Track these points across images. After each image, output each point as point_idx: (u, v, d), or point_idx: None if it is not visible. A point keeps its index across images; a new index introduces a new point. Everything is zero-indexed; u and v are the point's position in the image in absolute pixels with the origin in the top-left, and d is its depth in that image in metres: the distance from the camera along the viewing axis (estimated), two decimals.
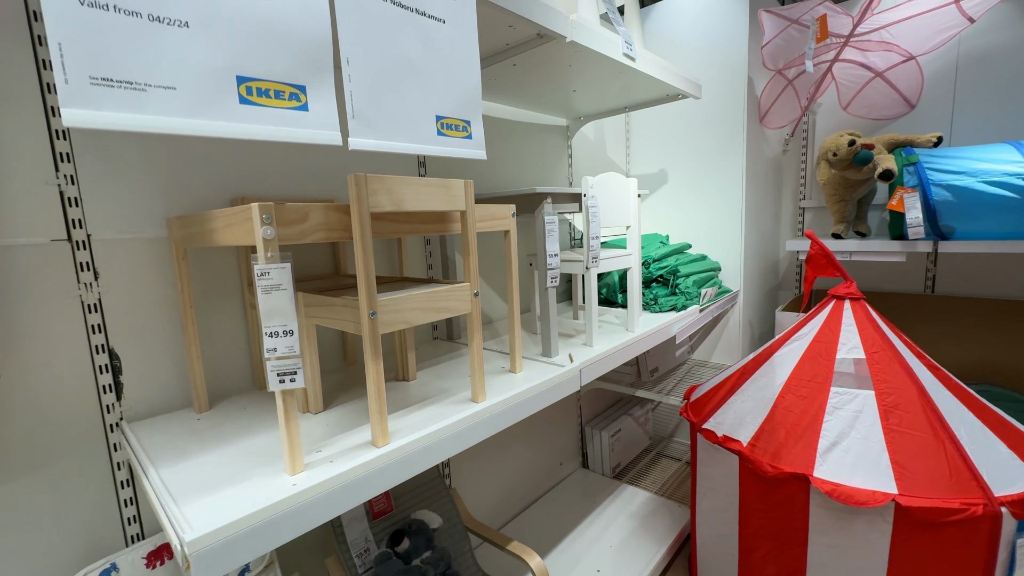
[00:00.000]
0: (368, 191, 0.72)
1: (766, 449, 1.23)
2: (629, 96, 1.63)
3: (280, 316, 0.65)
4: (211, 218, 0.76)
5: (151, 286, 0.95)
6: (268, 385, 0.66)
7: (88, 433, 0.89)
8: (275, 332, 0.65)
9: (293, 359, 0.66)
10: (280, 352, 0.66)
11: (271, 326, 0.65)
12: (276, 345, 0.65)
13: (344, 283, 1.06)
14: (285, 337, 0.66)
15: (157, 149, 0.94)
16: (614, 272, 1.83)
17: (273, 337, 0.65)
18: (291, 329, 0.66)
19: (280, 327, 0.65)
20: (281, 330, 0.65)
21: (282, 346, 0.66)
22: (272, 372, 0.65)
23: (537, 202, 1.17)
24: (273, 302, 0.64)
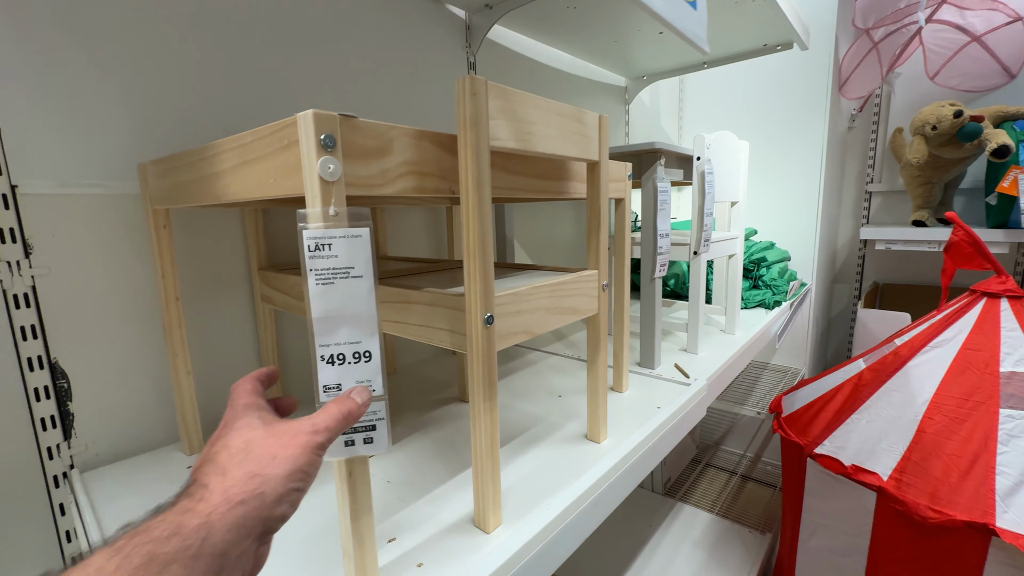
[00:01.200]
0: (488, 110, 0.42)
1: (918, 486, 0.97)
2: (719, 44, 1.33)
3: (349, 326, 0.35)
4: (215, 152, 0.45)
5: (115, 268, 0.64)
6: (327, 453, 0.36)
7: (19, 491, 0.59)
8: (337, 356, 0.35)
9: (373, 404, 0.36)
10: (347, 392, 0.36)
11: (331, 344, 0.35)
12: (340, 379, 0.35)
13: (387, 269, 0.75)
14: (357, 364, 0.36)
15: (121, 53, 0.62)
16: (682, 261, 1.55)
17: (334, 364, 0.35)
18: (369, 350, 0.36)
19: (348, 346, 0.35)
20: (350, 352, 0.35)
21: (350, 381, 0.36)
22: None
23: (646, 163, 0.88)
24: (336, 300, 0.34)
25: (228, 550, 0.24)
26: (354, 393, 0.34)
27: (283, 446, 0.28)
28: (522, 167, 0.54)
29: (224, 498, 0.25)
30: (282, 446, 0.28)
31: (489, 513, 0.47)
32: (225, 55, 0.71)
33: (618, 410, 0.75)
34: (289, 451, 0.28)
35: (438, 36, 1.02)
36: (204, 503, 0.25)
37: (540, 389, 0.85)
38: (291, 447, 0.28)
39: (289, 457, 0.27)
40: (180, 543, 0.23)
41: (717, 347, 1.06)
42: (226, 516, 0.24)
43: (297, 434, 0.29)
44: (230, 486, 0.26)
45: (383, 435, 0.37)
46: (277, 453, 0.27)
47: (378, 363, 0.36)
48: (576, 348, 1.09)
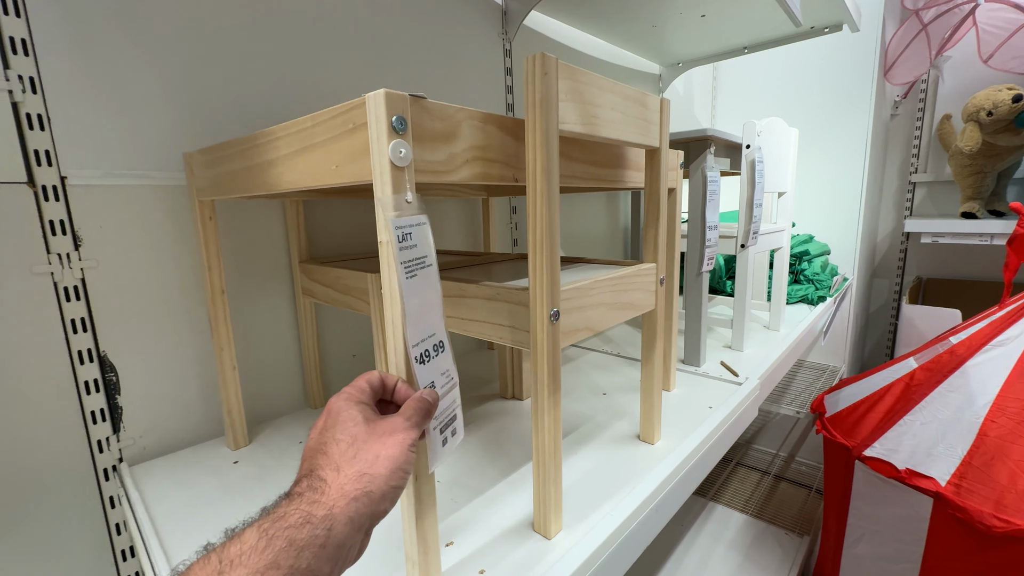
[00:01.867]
0: (558, 91, 0.39)
1: (981, 493, 0.92)
2: (762, 27, 1.27)
3: (428, 319, 0.33)
4: (269, 139, 0.44)
5: (161, 260, 0.63)
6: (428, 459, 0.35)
7: (71, 484, 0.58)
8: (425, 353, 0.34)
9: (452, 395, 0.35)
10: (439, 389, 0.35)
11: (419, 341, 0.33)
12: (431, 376, 0.34)
13: None
14: (437, 357, 0.34)
15: (166, 43, 0.61)
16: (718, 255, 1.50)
17: (423, 363, 0.34)
18: (442, 340, 0.34)
19: (431, 340, 0.34)
20: (431, 345, 0.34)
21: (438, 376, 0.34)
22: (432, 427, 0.35)
23: (695, 152, 0.84)
24: (420, 293, 0.33)
25: (345, 541, 0.26)
26: (426, 394, 0.34)
27: (383, 445, 0.30)
28: (582, 154, 0.51)
29: (341, 494, 0.27)
30: (383, 445, 0.30)
31: (551, 518, 0.45)
32: (267, 46, 0.69)
33: (667, 409, 0.72)
34: (389, 450, 0.29)
35: (474, 23, 0.99)
36: (326, 496, 0.27)
37: (583, 387, 0.83)
38: (390, 446, 0.30)
39: (390, 457, 0.29)
40: (311, 531, 0.25)
41: (763, 344, 1.02)
42: (344, 510, 0.27)
43: (393, 432, 0.30)
44: (344, 483, 0.28)
45: (460, 423, 0.37)
46: (379, 452, 0.29)
47: (449, 349, 0.35)
48: (613, 344, 1.06)
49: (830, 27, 1.27)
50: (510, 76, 1.08)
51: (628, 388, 0.82)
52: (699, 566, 1.42)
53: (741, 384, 0.79)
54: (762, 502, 1.80)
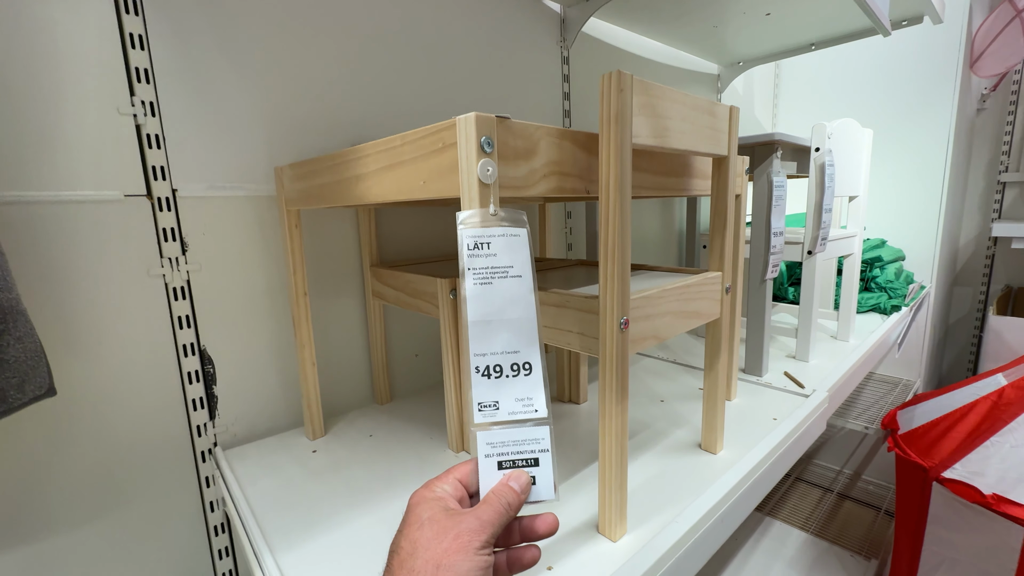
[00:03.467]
0: (632, 106, 0.40)
1: None
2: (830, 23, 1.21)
3: (508, 332, 0.34)
4: (358, 156, 0.48)
5: (252, 264, 0.69)
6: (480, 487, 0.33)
7: (173, 463, 0.66)
8: (494, 368, 0.34)
9: (531, 431, 0.33)
10: (505, 414, 0.33)
11: (487, 352, 0.34)
12: (497, 395, 0.34)
13: None
14: (516, 378, 0.34)
15: (260, 71, 0.67)
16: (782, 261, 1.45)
17: (490, 377, 0.34)
18: (529, 362, 0.35)
19: (506, 356, 0.34)
20: (508, 363, 0.34)
21: (509, 399, 0.34)
22: (484, 454, 0.33)
23: (760, 156, 0.82)
24: (495, 302, 0.34)
25: None
26: (511, 480, 0.32)
27: (446, 551, 0.27)
28: (650, 164, 0.52)
29: None
30: (445, 551, 0.27)
31: (615, 521, 0.46)
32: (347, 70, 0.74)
33: (728, 419, 0.70)
34: (452, 558, 0.27)
35: (533, 32, 1.01)
36: None
37: (640, 394, 0.83)
38: (454, 552, 0.27)
39: (452, 566, 0.27)
40: None
41: (829, 355, 0.97)
42: None
43: (460, 535, 0.28)
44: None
45: (547, 473, 0.33)
46: (441, 561, 0.27)
47: (540, 377, 0.34)
48: (669, 351, 1.05)
49: (909, 20, 1.19)
50: (567, 83, 1.09)
51: (686, 396, 0.81)
52: None
53: (808, 396, 0.76)
54: (824, 521, 1.71)
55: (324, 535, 0.50)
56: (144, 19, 0.58)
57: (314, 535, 0.50)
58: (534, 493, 0.33)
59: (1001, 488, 0.94)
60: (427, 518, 0.29)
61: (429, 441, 0.69)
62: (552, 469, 0.33)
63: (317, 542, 0.49)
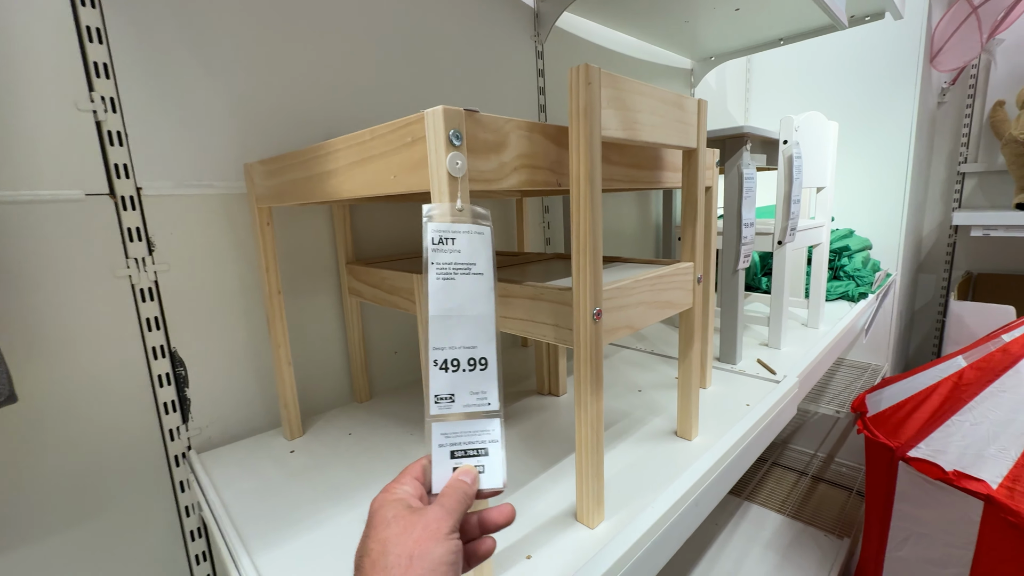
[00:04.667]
0: (601, 99, 0.41)
1: None
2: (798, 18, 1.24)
3: (467, 328, 0.35)
4: (328, 151, 0.47)
5: (223, 263, 0.68)
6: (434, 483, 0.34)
7: (145, 469, 0.64)
8: (452, 361, 0.34)
9: (483, 423, 0.35)
10: (460, 407, 0.34)
11: (446, 347, 0.34)
12: (453, 388, 0.35)
13: None
14: (472, 372, 0.35)
15: (228, 64, 0.65)
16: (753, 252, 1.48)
17: (447, 371, 0.34)
18: (485, 357, 0.35)
19: (464, 351, 0.35)
20: (465, 357, 0.35)
21: (465, 393, 0.35)
22: (439, 444, 0.34)
23: (730, 149, 0.84)
24: (456, 298, 0.34)
25: None
26: (461, 475, 0.33)
27: (417, 541, 0.28)
28: (620, 157, 0.53)
29: None
30: (416, 541, 0.28)
31: (593, 509, 0.47)
32: (318, 64, 0.73)
33: (703, 406, 0.72)
34: (423, 547, 0.28)
35: (507, 26, 1.01)
36: None
37: (618, 383, 0.84)
38: (425, 540, 0.28)
39: (424, 556, 0.27)
40: None
41: (801, 342, 1.00)
42: None
43: (427, 524, 0.29)
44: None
45: (496, 463, 0.34)
46: (413, 552, 0.28)
47: (495, 373, 0.35)
48: (646, 341, 1.07)
49: (872, 15, 1.23)
50: (542, 77, 1.09)
51: (663, 385, 0.82)
52: (735, 565, 1.41)
53: (779, 382, 0.78)
54: (800, 503, 1.77)
55: (304, 534, 0.50)
56: (101, 11, 0.56)
57: (293, 535, 0.50)
58: (484, 482, 0.34)
59: (962, 464, 0.98)
60: (392, 516, 0.29)
61: (409, 437, 0.69)
62: (501, 459, 0.34)
63: (296, 542, 0.49)
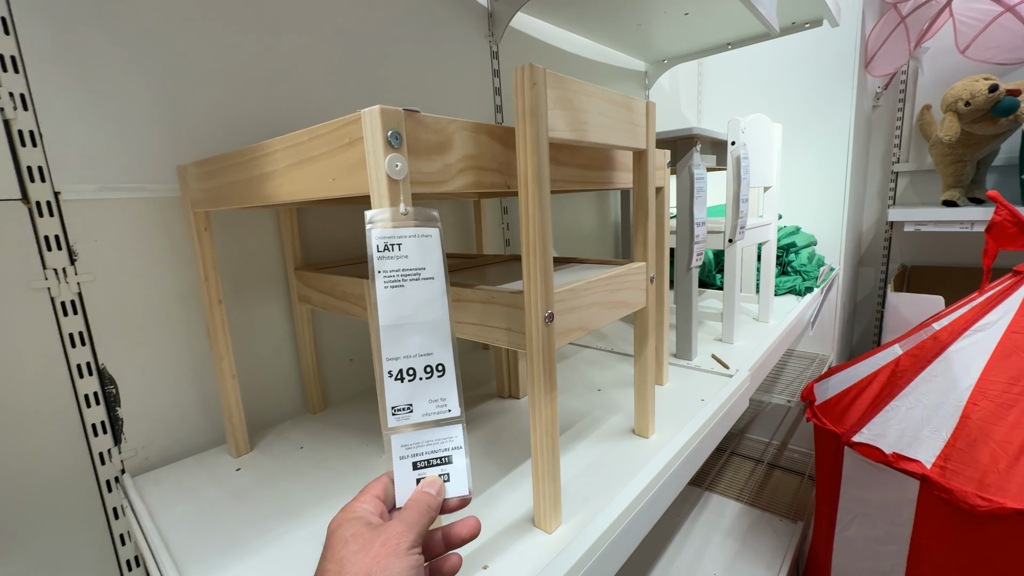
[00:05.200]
0: (547, 100, 0.40)
1: (965, 474, 0.95)
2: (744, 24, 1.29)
3: (421, 335, 0.34)
4: (266, 152, 0.45)
5: (157, 272, 0.64)
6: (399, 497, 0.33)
7: (74, 496, 0.59)
8: (407, 371, 0.33)
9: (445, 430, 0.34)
10: (419, 416, 0.33)
11: (400, 356, 0.33)
12: (411, 397, 0.34)
13: None
14: (430, 380, 0.34)
15: (158, 58, 0.61)
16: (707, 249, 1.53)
17: (403, 380, 0.33)
18: (442, 363, 0.34)
19: (419, 359, 0.34)
20: (421, 365, 0.34)
21: (423, 401, 0.34)
22: (399, 456, 0.33)
23: (681, 150, 0.85)
24: (406, 305, 0.33)
25: None
26: (426, 486, 0.32)
27: (375, 558, 0.27)
28: (571, 158, 0.53)
29: None
30: (374, 558, 0.27)
31: (550, 513, 0.46)
32: (258, 58, 0.70)
33: (660, 403, 0.73)
34: (383, 562, 0.27)
35: (461, 26, 1.00)
36: None
37: (578, 383, 0.84)
38: (384, 556, 0.27)
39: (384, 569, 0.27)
40: None
41: (752, 336, 1.04)
42: None
43: (387, 540, 0.28)
44: None
45: (461, 470, 0.34)
46: (371, 569, 0.27)
47: (453, 377, 0.34)
48: (607, 340, 1.08)
49: (810, 22, 1.29)
50: (498, 78, 1.09)
51: (622, 383, 0.83)
52: (696, 555, 1.45)
53: (732, 376, 0.81)
54: (757, 490, 1.84)
55: (248, 557, 0.47)
56: (12, 25, 0.51)
57: (237, 559, 0.47)
58: (449, 490, 0.33)
59: (900, 447, 1.05)
60: (350, 535, 0.28)
61: (364, 448, 0.67)
62: (465, 465, 0.34)
63: (240, 566, 0.46)
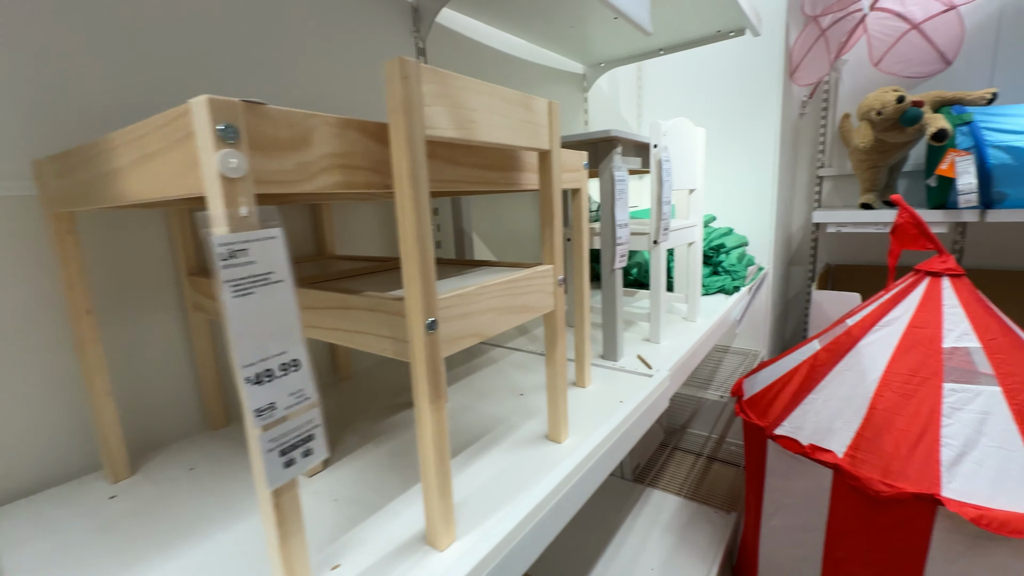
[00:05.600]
0: (422, 95, 0.38)
1: (871, 462, 1.01)
2: (674, 30, 1.32)
3: (275, 337, 0.31)
4: (110, 146, 0.40)
5: (16, 280, 0.57)
6: (265, 480, 0.32)
7: None
8: (265, 372, 0.31)
9: (305, 415, 0.33)
10: (281, 411, 0.32)
11: (257, 361, 0.31)
12: (272, 397, 0.31)
13: (334, 270, 0.71)
14: (286, 376, 0.32)
15: (5, 37, 0.54)
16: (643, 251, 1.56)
17: (260, 383, 0.31)
18: (296, 358, 0.32)
19: (275, 359, 0.31)
20: (278, 365, 0.31)
21: (283, 396, 0.32)
22: (267, 450, 0.32)
23: (602, 152, 0.86)
24: (259, 312, 0.30)
25: None
26: None
27: None
28: (470, 158, 0.51)
29: None
30: None
31: (440, 530, 0.44)
32: (137, 39, 0.63)
33: (581, 406, 0.73)
34: None
35: (383, 20, 0.96)
36: None
37: (502, 388, 0.83)
38: None
39: None
40: None
41: (679, 335, 1.06)
42: None
43: None
44: None
45: (321, 441, 0.35)
46: None
47: (307, 369, 0.33)
48: (540, 343, 1.07)
49: (734, 31, 1.33)
50: None
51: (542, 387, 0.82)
52: (636, 550, 1.47)
53: (651, 376, 0.81)
54: (696, 483, 1.90)
55: None
56: None
57: None
58: (315, 456, 0.35)
59: (816, 438, 1.10)
60: None
61: None
62: (323, 436, 0.36)
63: None
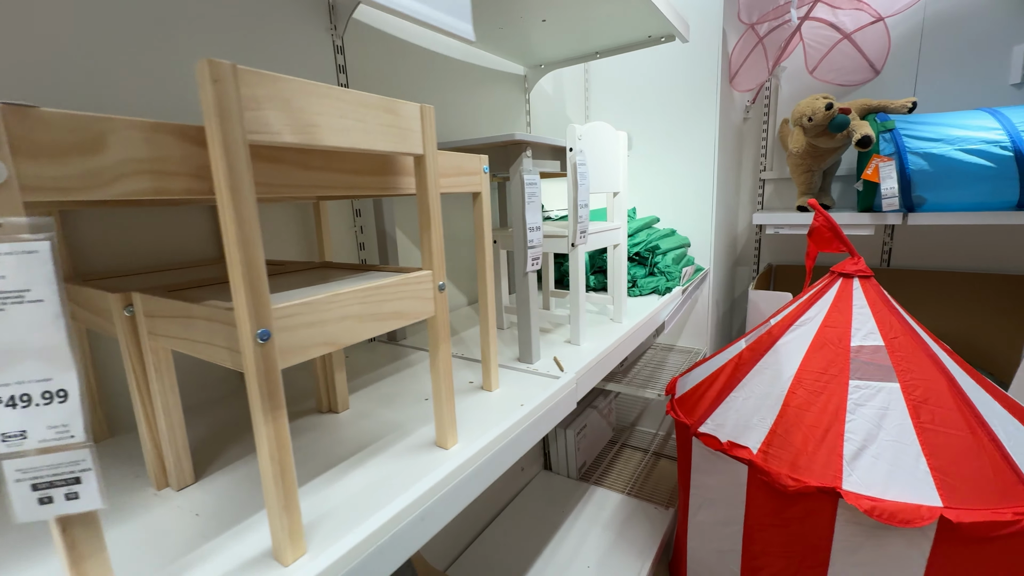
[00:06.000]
0: (241, 98, 0.37)
1: (781, 457, 1.04)
2: (605, 35, 1.34)
3: (34, 360, 0.29)
4: None
5: None
6: (16, 514, 0.30)
7: None
8: (21, 397, 0.29)
9: (69, 454, 0.31)
10: (35, 443, 0.30)
11: (10, 383, 0.29)
12: (26, 424, 0.30)
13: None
14: (49, 406, 0.30)
15: None
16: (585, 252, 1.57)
17: (16, 407, 0.29)
18: (64, 389, 0.30)
19: (36, 384, 0.29)
20: (38, 391, 0.30)
21: (40, 427, 0.30)
22: (14, 480, 0.30)
23: (512, 156, 0.86)
24: (9, 331, 0.28)
25: None
26: None
27: None
28: (331, 163, 0.50)
29: None
30: None
31: (286, 546, 0.43)
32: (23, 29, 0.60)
33: (484, 411, 0.73)
34: None
35: (296, 17, 0.94)
36: None
37: (410, 393, 0.82)
38: None
39: None
40: None
41: (601, 337, 1.07)
42: None
43: None
44: None
45: (92, 488, 0.31)
46: None
47: (78, 403, 0.30)
48: (464, 345, 1.07)
49: (664, 37, 1.36)
50: (344, 74, 1.04)
51: (458, 391, 0.82)
52: (575, 549, 1.49)
53: (558, 379, 0.82)
54: (642, 480, 1.93)
55: None
56: None
57: None
58: (83, 506, 0.32)
59: (734, 436, 1.13)
60: None
61: (134, 480, 0.59)
62: (97, 483, 0.33)
63: None
